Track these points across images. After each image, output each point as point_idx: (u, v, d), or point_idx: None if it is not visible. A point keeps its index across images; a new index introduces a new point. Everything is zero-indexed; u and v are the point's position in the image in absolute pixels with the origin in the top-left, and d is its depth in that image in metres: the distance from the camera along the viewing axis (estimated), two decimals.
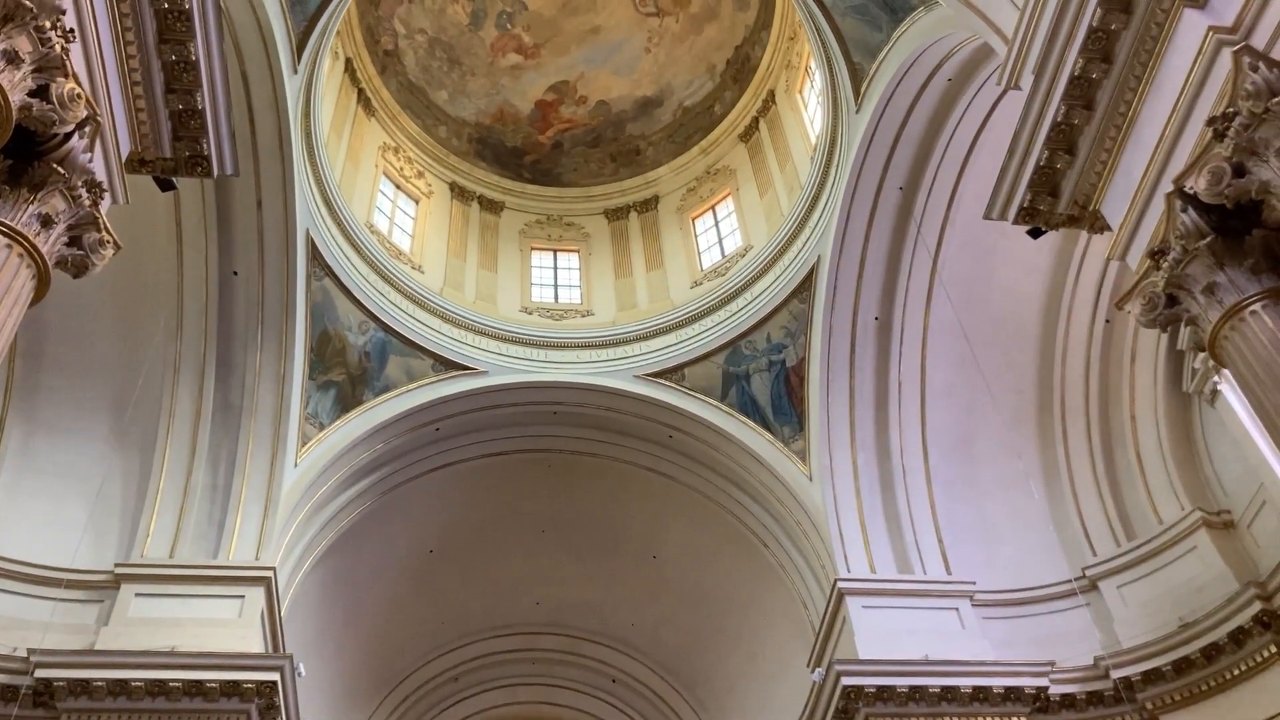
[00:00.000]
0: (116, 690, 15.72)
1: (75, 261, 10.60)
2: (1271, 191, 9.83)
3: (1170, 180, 10.86)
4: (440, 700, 25.92)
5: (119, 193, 11.20)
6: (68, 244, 10.39)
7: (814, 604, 20.51)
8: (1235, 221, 10.54)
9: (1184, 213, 10.67)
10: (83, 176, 10.17)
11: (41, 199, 9.79)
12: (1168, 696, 17.03)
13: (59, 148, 9.86)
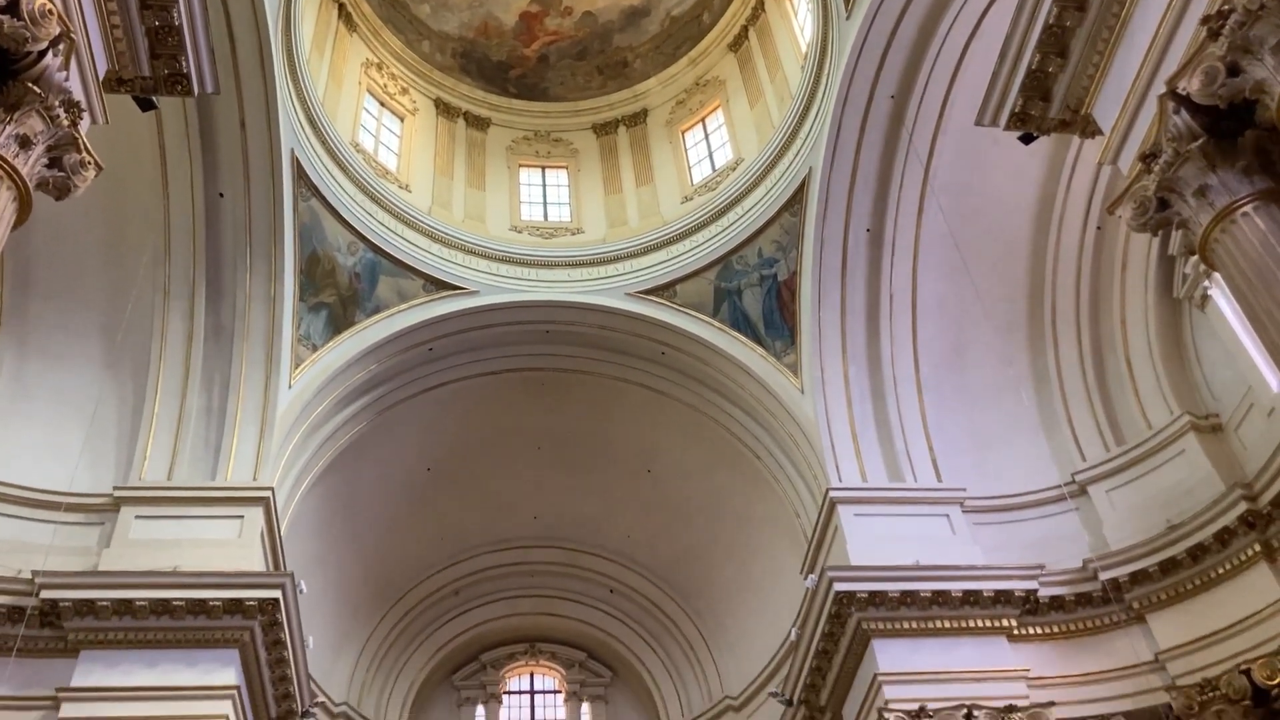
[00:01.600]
0: (121, 610, 15.97)
1: (57, 183, 10.48)
2: (1265, 90, 9.74)
3: (1163, 82, 10.74)
4: (441, 614, 26.38)
5: (97, 112, 11.03)
6: (48, 165, 10.27)
7: (806, 513, 20.78)
8: (1228, 123, 10.45)
9: (1176, 115, 10.57)
10: (59, 96, 10.00)
11: (18, 120, 9.64)
12: (1154, 596, 17.38)
13: (33, 66, 9.67)
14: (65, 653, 15.95)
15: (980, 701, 16.60)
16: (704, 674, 25.63)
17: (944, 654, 17.28)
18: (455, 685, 26.76)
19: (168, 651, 16.11)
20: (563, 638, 27.45)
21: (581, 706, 26.90)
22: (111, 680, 15.68)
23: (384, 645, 25.23)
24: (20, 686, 15.41)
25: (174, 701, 15.64)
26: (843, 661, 18.07)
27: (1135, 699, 17.06)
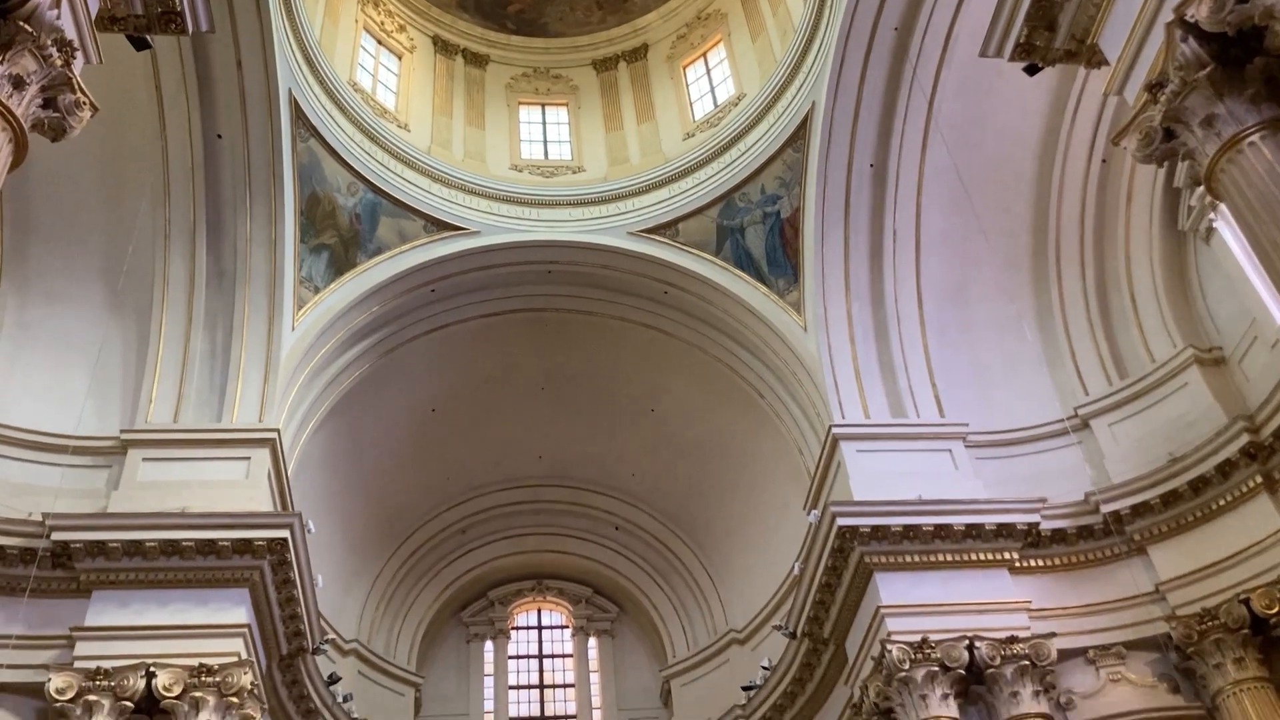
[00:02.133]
0: (131, 550, 16.15)
1: (52, 124, 10.40)
2: (1275, 16, 9.59)
3: (1171, 9, 10.57)
4: (449, 552, 26.65)
5: (91, 51, 10.90)
6: (42, 106, 10.18)
7: (809, 450, 20.88)
8: (1236, 50, 10.29)
9: (1184, 42, 10.41)
10: (52, 35, 9.88)
11: (11, 59, 9.54)
12: (1155, 528, 17.52)
13: (24, 4, 9.55)
14: (78, 593, 16.16)
15: (982, 633, 16.81)
16: (709, 608, 25.95)
17: (946, 587, 17.47)
18: (464, 622, 27.12)
19: (178, 591, 16.32)
20: (569, 574, 27.75)
21: (588, 641, 27.28)
22: (124, 619, 15.92)
23: (393, 583, 25.53)
24: (35, 626, 15.67)
25: (186, 639, 15.87)
26: (845, 595, 18.27)
27: (1135, 629, 17.28)
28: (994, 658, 16.55)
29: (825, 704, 20.33)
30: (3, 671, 14.96)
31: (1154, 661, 17.14)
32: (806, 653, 20.01)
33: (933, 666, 16.48)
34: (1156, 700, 16.80)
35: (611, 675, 26.67)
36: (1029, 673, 16.49)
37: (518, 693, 26.55)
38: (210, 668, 15.52)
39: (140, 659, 15.42)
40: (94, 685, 15.04)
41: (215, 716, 15.33)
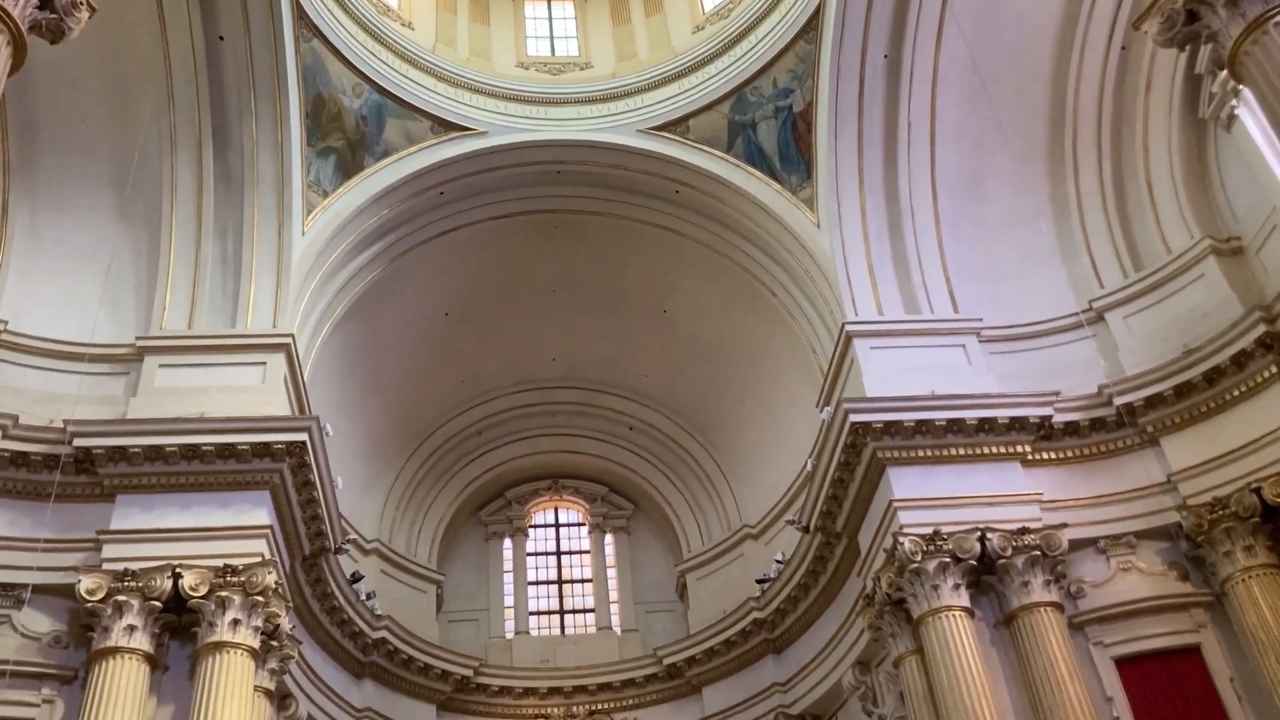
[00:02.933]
0: (153, 455, 16.38)
1: (50, 25, 10.24)
2: None
3: None
4: (465, 454, 26.94)
5: None
6: (39, 6, 10.01)
7: (823, 348, 20.88)
8: None
9: None
10: None
11: None
12: (1168, 419, 17.56)
13: None
14: (102, 497, 16.48)
15: (993, 524, 17.01)
16: (722, 505, 26.28)
17: (958, 480, 17.64)
18: (482, 520, 27.55)
19: (200, 494, 16.62)
20: (585, 474, 28.06)
21: (605, 538, 27.70)
22: (148, 522, 16.25)
23: (411, 484, 25.88)
24: (62, 530, 16.02)
25: (210, 541, 16.21)
26: (858, 489, 18.47)
27: (1146, 519, 17.45)
28: (1005, 549, 16.77)
29: (838, 595, 20.70)
30: (35, 574, 15.38)
31: (1164, 550, 17.35)
32: (819, 546, 20.30)
33: (944, 558, 16.73)
34: (1166, 588, 17.03)
35: (628, 570, 27.15)
36: (1040, 563, 16.72)
37: (537, 588, 27.09)
38: (235, 568, 15.87)
39: (166, 560, 15.77)
40: (122, 586, 15.41)
41: (241, 615, 15.71)
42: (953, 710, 15.65)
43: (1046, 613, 16.39)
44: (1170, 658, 16.58)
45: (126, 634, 15.15)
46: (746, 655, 23.01)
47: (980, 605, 17.00)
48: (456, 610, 25.93)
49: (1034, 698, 15.92)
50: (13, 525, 15.99)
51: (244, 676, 15.43)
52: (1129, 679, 16.48)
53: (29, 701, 15.07)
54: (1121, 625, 16.85)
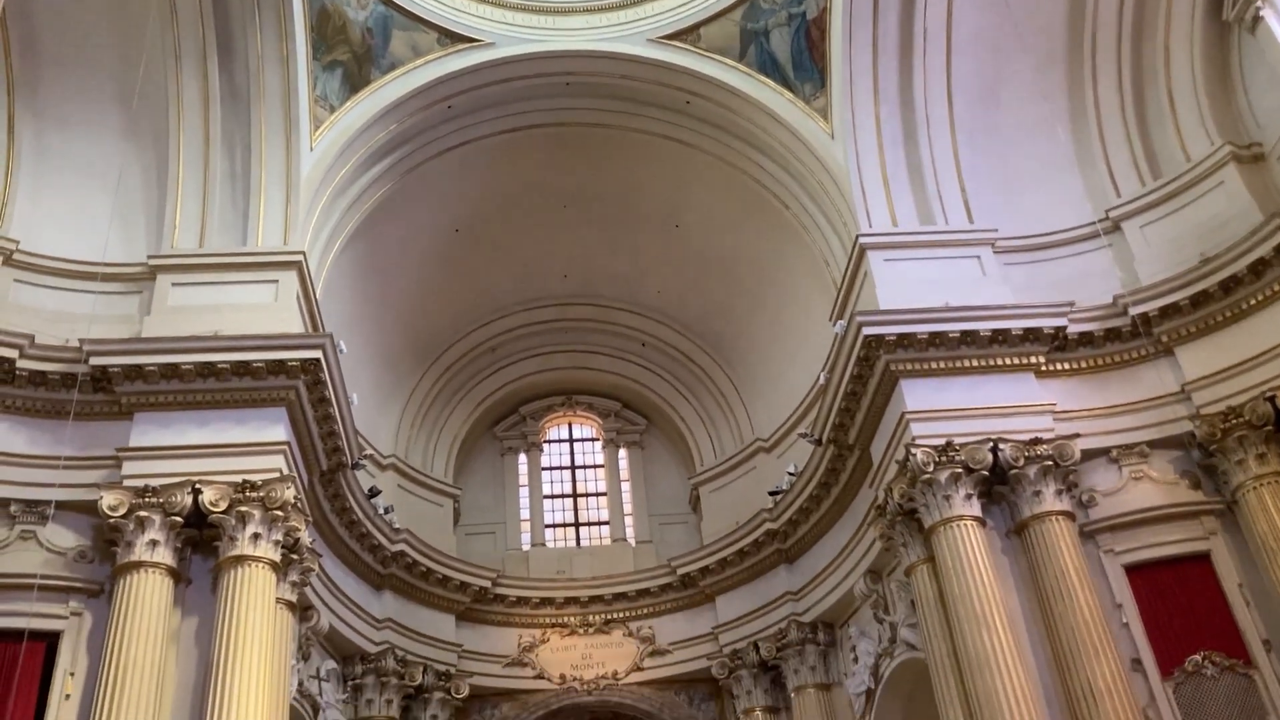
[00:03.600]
0: (169, 373, 16.51)
1: None
2: None
3: None
4: (479, 370, 27.04)
5: None
6: None
7: (836, 261, 20.75)
8: None
9: None
10: None
11: None
12: (1183, 329, 17.48)
13: None
14: (120, 415, 16.65)
15: (1006, 435, 17.07)
16: (735, 419, 26.40)
17: (971, 392, 17.66)
18: (497, 436, 27.77)
19: (217, 411, 16.78)
20: (598, 389, 28.18)
21: (619, 452, 27.92)
22: (166, 439, 16.44)
23: (426, 401, 26.04)
24: (82, 447, 16.25)
25: (228, 457, 16.40)
26: (871, 402, 18.51)
27: (1159, 428, 17.48)
28: (1017, 459, 16.85)
29: (850, 506, 20.88)
30: (57, 490, 15.62)
31: (1176, 459, 17.40)
32: (831, 458, 20.42)
33: (956, 469, 16.81)
34: (1177, 496, 17.12)
35: (642, 483, 27.42)
36: (1052, 472, 16.81)
37: (552, 501, 27.40)
38: (254, 484, 16.07)
39: (185, 477, 15.99)
40: (143, 502, 15.64)
41: (261, 529, 15.96)
42: (963, 617, 15.89)
43: (1058, 521, 16.52)
44: (1180, 565, 16.72)
45: (149, 549, 15.43)
46: (759, 565, 23.32)
47: (991, 515, 17.13)
48: (473, 524, 26.29)
49: (1044, 604, 16.14)
50: (34, 443, 16.21)
51: (266, 589, 15.74)
52: (1138, 586, 16.66)
53: (58, 614, 15.41)
54: (1132, 533, 16.97)
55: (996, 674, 15.30)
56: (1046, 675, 15.83)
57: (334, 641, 20.28)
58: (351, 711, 20.71)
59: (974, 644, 15.64)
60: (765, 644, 22.66)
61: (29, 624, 14.74)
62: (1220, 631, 16.06)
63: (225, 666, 14.77)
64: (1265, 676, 15.56)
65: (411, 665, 21.86)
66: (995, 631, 15.60)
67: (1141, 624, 16.35)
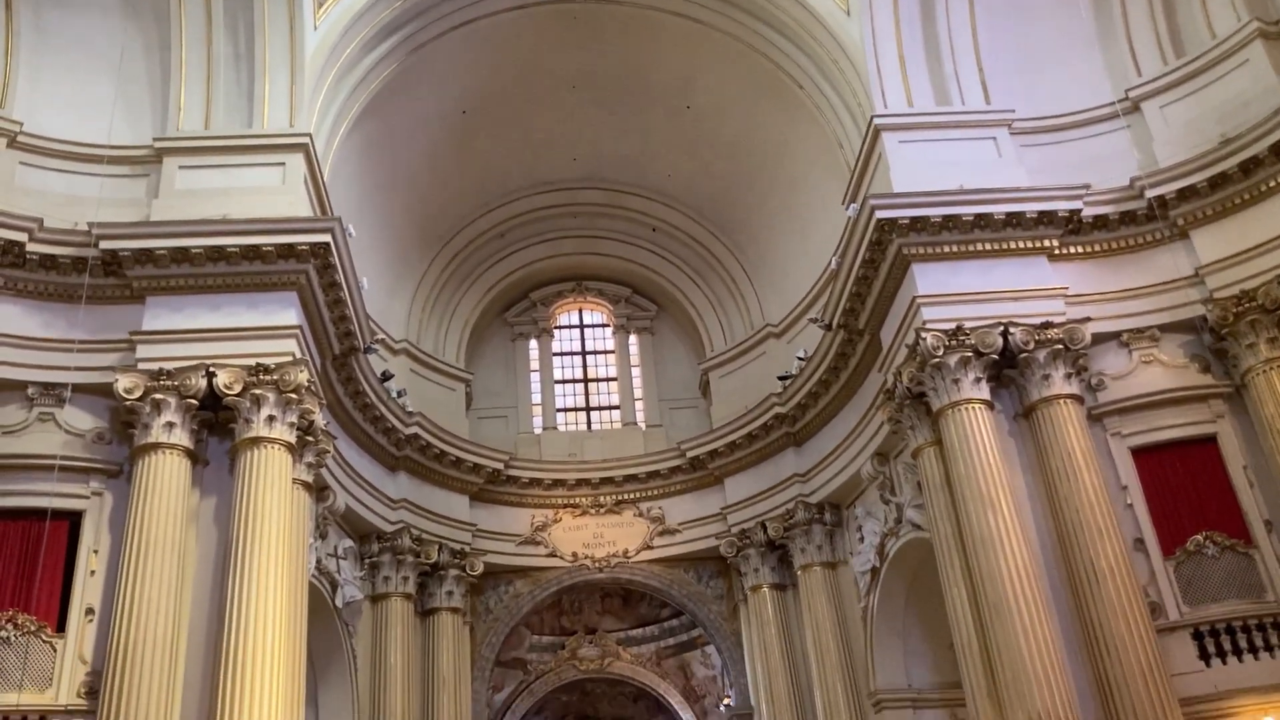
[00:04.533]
0: (179, 257, 16.50)
1: None
2: None
3: None
4: (489, 256, 26.92)
5: None
6: None
7: (850, 143, 20.42)
8: None
9: None
10: None
11: None
12: (1200, 212, 17.27)
13: None
14: (132, 299, 16.74)
15: (1017, 319, 17.05)
16: (745, 304, 26.38)
17: (983, 275, 17.60)
18: (508, 322, 27.84)
19: (228, 295, 16.84)
20: (608, 275, 28.11)
21: (629, 338, 28.01)
22: (179, 323, 16.55)
23: (436, 286, 26.03)
24: (96, 331, 16.39)
25: (241, 341, 16.52)
26: (882, 286, 18.45)
27: (1171, 312, 17.44)
28: (1028, 343, 16.86)
29: (858, 391, 20.99)
30: (73, 374, 15.85)
31: (1187, 343, 17.41)
32: (841, 343, 20.46)
33: (966, 352, 16.85)
34: (1186, 380, 17.17)
35: (652, 369, 27.58)
36: (1062, 356, 16.83)
37: (563, 386, 27.62)
38: (267, 367, 16.21)
39: (199, 360, 16.14)
40: (158, 385, 15.83)
41: (276, 412, 16.16)
42: (969, 498, 16.12)
43: (1066, 405, 16.61)
44: (1186, 447, 16.89)
45: (166, 430, 15.67)
46: (767, 448, 23.59)
47: (1000, 398, 17.23)
48: (485, 408, 26.56)
49: (1049, 486, 16.35)
50: (48, 327, 16.35)
51: (282, 470, 16.02)
52: (1144, 468, 16.86)
53: (79, 494, 15.78)
54: (1140, 416, 17.09)
55: (1000, 553, 15.59)
56: (1050, 554, 16.13)
57: (350, 521, 20.71)
58: (369, 588, 21.28)
59: (979, 524, 15.90)
60: (773, 524, 23.08)
61: (51, 503, 15.12)
62: (1222, 512, 16.31)
63: (244, 544, 15.14)
64: (1265, 555, 15.86)
65: (427, 544, 22.36)
66: (1000, 512, 15.84)
67: (1145, 505, 16.59)
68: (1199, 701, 15.13)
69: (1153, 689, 14.62)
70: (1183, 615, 15.76)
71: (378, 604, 21.42)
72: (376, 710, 20.40)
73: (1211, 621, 15.60)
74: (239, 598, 14.77)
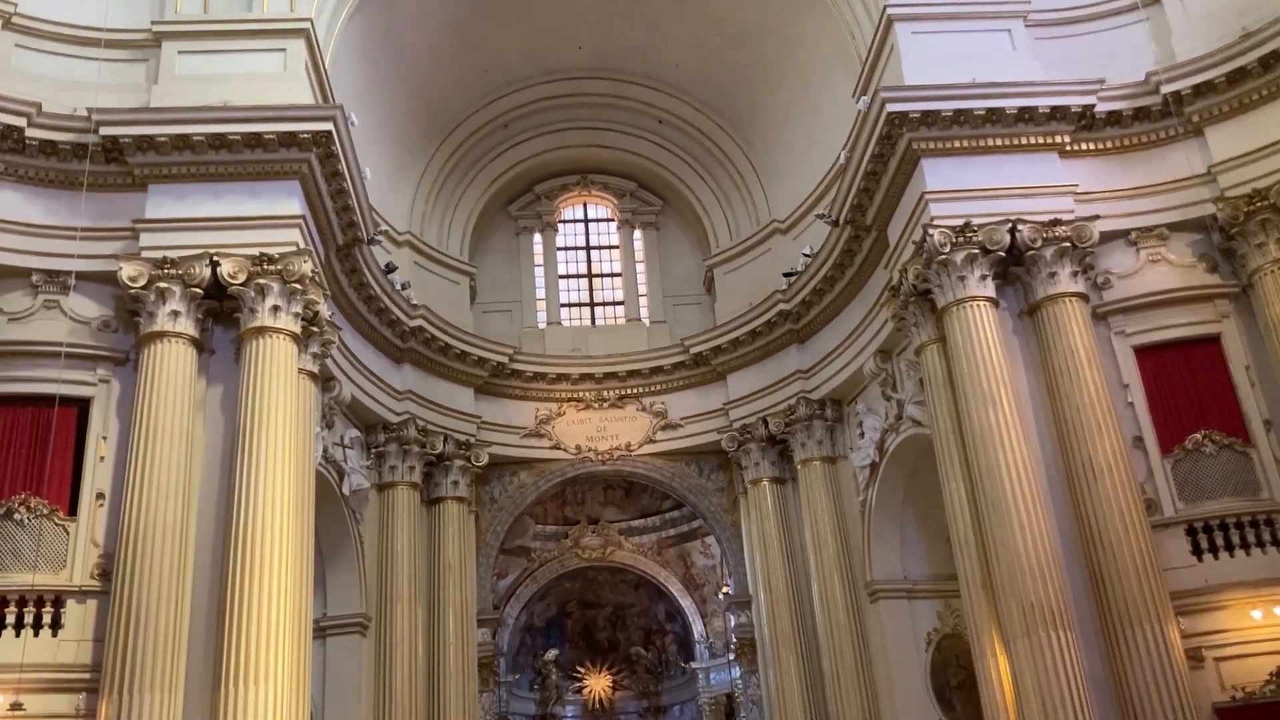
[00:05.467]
0: (180, 145, 16.33)
1: None
2: None
3: None
4: (493, 147, 26.53)
5: None
6: None
7: (862, 33, 19.97)
8: None
9: None
10: None
11: None
12: (1216, 109, 17.00)
13: None
14: (134, 187, 16.62)
15: (1025, 216, 16.94)
16: (752, 200, 26.13)
17: (992, 171, 17.43)
18: (512, 215, 27.62)
19: (231, 184, 16.71)
20: (613, 168, 27.77)
21: (634, 233, 27.83)
22: (181, 211, 16.47)
23: (439, 178, 25.75)
24: (98, 218, 16.33)
25: (245, 230, 16.44)
26: (890, 182, 18.27)
27: (1181, 211, 17.30)
28: (1035, 240, 16.77)
29: (863, 287, 20.94)
30: (76, 261, 15.84)
31: (1195, 243, 17.30)
32: (848, 239, 20.34)
33: (973, 249, 16.77)
34: (1193, 279, 17.11)
35: (656, 265, 27.46)
36: (1069, 254, 16.76)
37: (567, 281, 27.55)
38: (271, 256, 16.16)
39: (203, 249, 16.08)
40: (162, 274, 15.81)
41: (281, 301, 16.16)
42: (970, 394, 16.22)
43: (1071, 303, 16.59)
44: (1189, 347, 16.92)
45: (171, 319, 15.70)
46: (771, 345, 23.65)
47: (1005, 296, 17.21)
48: (489, 301, 26.53)
49: (1051, 384, 16.43)
50: (50, 214, 16.26)
51: (287, 359, 16.09)
52: (1146, 367, 16.91)
53: (87, 381, 15.89)
54: (1145, 315, 17.09)
55: (1000, 449, 15.76)
56: (1049, 451, 16.29)
57: (356, 412, 20.90)
58: (375, 477, 21.56)
59: (979, 420, 16.04)
60: (774, 419, 23.26)
61: (59, 390, 15.23)
62: (1222, 411, 16.43)
63: (251, 432, 15.31)
64: (1262, 454, 16.02)
65: (432, 435, 22.59)
66: (1001, 409, 15.95)
67: (1146, 403, 16.69)
68: (1189, 595, 15.44)
69: (1145, 582, 14.92)
70: (1178, 512, 15.97)
71: (384, 492, 21.74)
72: (384, 594, 20.89)
73: (1206, 518, 15.82)
74: (247, 484, 14.98)
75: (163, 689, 13.76)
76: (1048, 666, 14.57)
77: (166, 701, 13.76)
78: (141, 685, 13.63)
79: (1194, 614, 15.38)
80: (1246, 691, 14.96)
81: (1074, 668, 14.58)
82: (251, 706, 13.83)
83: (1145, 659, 14.58)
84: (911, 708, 20.01)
